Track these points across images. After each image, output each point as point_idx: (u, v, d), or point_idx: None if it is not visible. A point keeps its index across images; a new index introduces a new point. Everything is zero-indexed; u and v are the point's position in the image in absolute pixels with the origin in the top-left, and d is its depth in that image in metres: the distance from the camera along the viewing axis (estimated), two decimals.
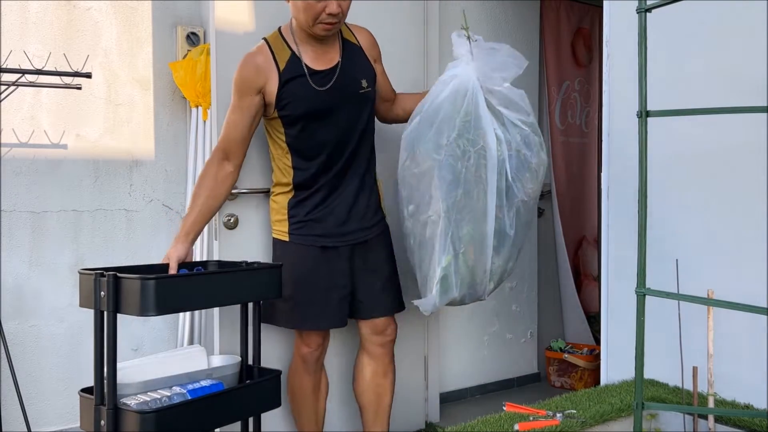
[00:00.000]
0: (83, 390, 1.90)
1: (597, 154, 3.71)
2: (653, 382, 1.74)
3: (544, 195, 3.75)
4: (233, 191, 2.39)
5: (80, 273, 1.85)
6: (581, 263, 3.81)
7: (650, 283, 0.98)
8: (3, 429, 2.47)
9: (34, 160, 2.60)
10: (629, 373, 1.84)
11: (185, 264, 2.06)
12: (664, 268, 1.61)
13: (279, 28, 2.20)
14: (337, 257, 2.21)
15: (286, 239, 2.22)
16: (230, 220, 2.40)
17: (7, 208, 2.55)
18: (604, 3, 1.96)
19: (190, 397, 1.81)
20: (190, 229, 2.08)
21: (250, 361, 2.11)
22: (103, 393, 1.79)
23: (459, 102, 2.03)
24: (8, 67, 2.45)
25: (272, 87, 2.10)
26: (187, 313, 2.79)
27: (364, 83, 2.20)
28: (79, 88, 2.57)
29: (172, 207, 2.89)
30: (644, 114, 0.94)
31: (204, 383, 1.89)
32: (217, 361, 2.07)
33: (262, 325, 2.14)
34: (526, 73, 3.54)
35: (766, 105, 1.51)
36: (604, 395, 1.67)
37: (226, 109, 2.41)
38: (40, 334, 2.61)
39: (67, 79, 2.52)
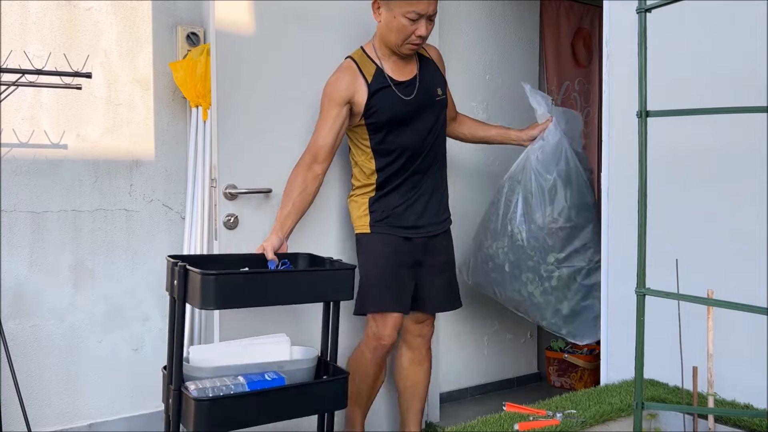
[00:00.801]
0: (164, 367, 2.05)
1: (597, 154, 3.71)
2: (653, 382, 1.75)
3: None
4: (233, 191, 2.40)
5: (167, 258, 2.04)
6: None
7: (650, 283, 0.98)
8: (3, 429, 2.47)
9: (34, 160, 2.60)
10: (629, 373, 1.84)
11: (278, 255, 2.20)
12: (664, 268, 1.61)
13: (362, 47, 2.47)
14: (413, 248, 2.45)
15: (368, 231, 2.46)
16: (230, 220, 2.40)
17: (7, 208, 2.55)
18: (604, 3, 1.96)
19: (248, 389, 1.85)
20: (284, 222, 2.30)
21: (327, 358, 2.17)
22: (172, 374, 1.89)
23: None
24: (8, 67, 2.45)
25: (361, 98, 2.36)
26: (187, 314, 2.79)
27: (439, 91, 2.49)
28: (79, 88, 2.57)
29: (172, 207, 2.89)
30: (644, 114, 0.94)
31: (268, 377, 1.92)
32: (298, 353, 2.10)
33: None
34: (525, 73, 3.56)
35: (766, 105, 1.51)
36: (604, 395, 1.67)
37: (226, 109, 2.42)
38: (40, 334, 2.61)
39: (67, 79, 2.52)
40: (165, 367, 2.00)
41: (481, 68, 3.37)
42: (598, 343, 2.26)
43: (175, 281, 1.90)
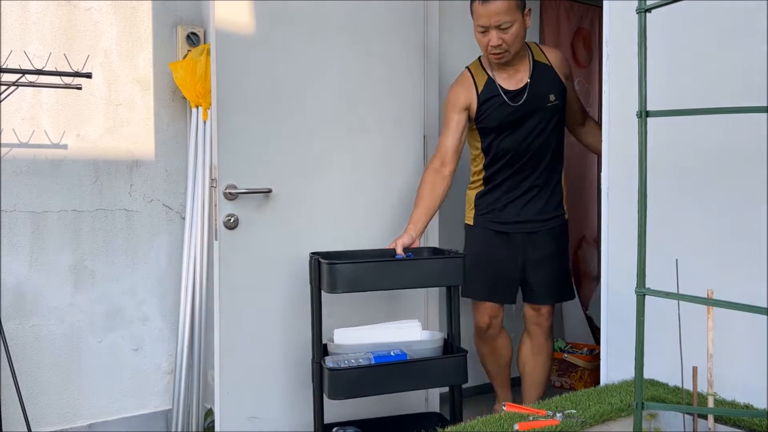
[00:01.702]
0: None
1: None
2: (653, 382, 1.74)
3: None
4: (233, 191, 2.40)
5: (310, 255, 2.38)
6: (581, 263, 3.81)
7: (650, 283, 0.98)
8: (3, 429, 2.47)
9: (34, 160, 2.60)
10: (629, 373, 1.84)
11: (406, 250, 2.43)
12: (664, 268, 1.61)
13: (479, 57, 2.68)
14: (511, 243, 2.65)
15: (471, 224, 2.73)
16: (230, 220, 2.40)
17: (7, 208, 2.55)
18: (604, 3, 1.96)
19: (374, 362, 2.24)
20: (417, 222, 2.52)
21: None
22: (314, 350, 2.34)
23: None
24: (8, 67, 2.45)
25: (473, 105, 2.60)
26: (188, 314, 2.79)
27: (552, 97, 2.60)
28: (80, 88, 2.57)
29: (172, 207, 2.89)
30: (644, 114, 0.94)
31: (393, 353, 2.28)
32: (427, 335, 2.43)
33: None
34: None
35: (766, 105, 1.51)
36: (604, 395, 1.67)
37: (227, 109, 2.42)
38: (40, 334, 2.61)
39: (68, 79, 2.51)
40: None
41: None
42: (598, 342, 2.26)
43: (313, 272, 2.32)
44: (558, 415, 1.49)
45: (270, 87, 2.48)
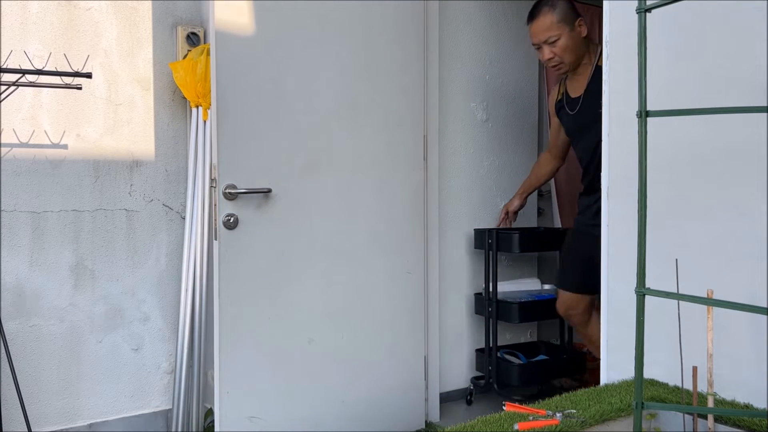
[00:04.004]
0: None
1: None
2: (653, 382, 1.74)
3: (544, 195, 3.75)
4: (233, 191, 2.40)
5: (474, 230, 3.29)
6: None
7: (650, 283, 0.98)
8: (3, 429, 2.47)
9: (34, 160, 2.60)
10: (629, 373, 1.84)
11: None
12: (664, 268, 1.61)
13: None
14: (588, 240, 2.68)
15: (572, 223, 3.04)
16: (230, 220, 2.40)
17: (7, 208, 2.55)
18: (604, 3, 1.96)
19: (536, 299, 3.22)
20: (524, 189, 3.21)
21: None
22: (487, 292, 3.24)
23: None
24: (8, 67, 2.45)
25: (553, 111, 2.93)
26: (188, 314, 2.79)
27: None
28: (80, 88, 2.57)
29: (172, 207, 2.89)
30: (644, 114, 0.94)
31: (541, 293, 3.31)
32: (547, 286, 3.39)
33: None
34: (526, 74, 3.56)
35: (766, 105, 1.51)
36: (604, 395, 1.67)
37: (227, 109, 2.43)
38: (40, 334, 2.61)
39: (68, 79, 2.51)
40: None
41: (481, 68, 3.37)
42: None
43: (490, 240, 3.15)
44: (558, 414, 1.49)
45: (270, 87, 2.48)
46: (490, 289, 3.17)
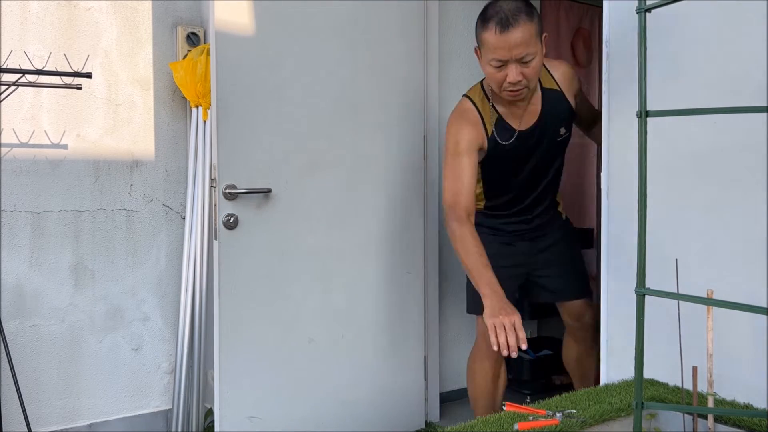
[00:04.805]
0: None
1: (597, 153, 3.71)
2: (653, 382, 1.74)
3: None
4: (233, 191, 2.39)
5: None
6: None
7: (650, 283, 0.98)
8: (3, 429, 2.47)
9: (34, 160, 2.60)
10: (629, 373, 1.84)
11: None
12: (664, 268, 1.61)
13: (481, 84, 2.31)
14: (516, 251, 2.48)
15: None
16: (230, 220, 2.40)
17: (7, 208, 2.55)
18: (604, 3, 1.96)
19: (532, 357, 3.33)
20: (493, 283, 2.04)
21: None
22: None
23: None
24: (8, 67, 2.45)
25: (485, 147, 2.25)
26: (188, 314, 2.79)
27: (562, 131, 2.31)
28: (80, 88, 2.57)
29: (172, 207, 2.89)
30: (644, 114, 0.94)
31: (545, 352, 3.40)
32: None
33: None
34: None
35: (766, 105, 1.51)
36: (604, 395, 1.67)
37: (227, 109, 2.42)
38: (40, 334, 2.62)
39: (68, 79, 2.52)
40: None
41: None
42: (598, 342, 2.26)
43: None
44: (558, 414, 1.48)
45: (270, 87, 2.48)
46: None
